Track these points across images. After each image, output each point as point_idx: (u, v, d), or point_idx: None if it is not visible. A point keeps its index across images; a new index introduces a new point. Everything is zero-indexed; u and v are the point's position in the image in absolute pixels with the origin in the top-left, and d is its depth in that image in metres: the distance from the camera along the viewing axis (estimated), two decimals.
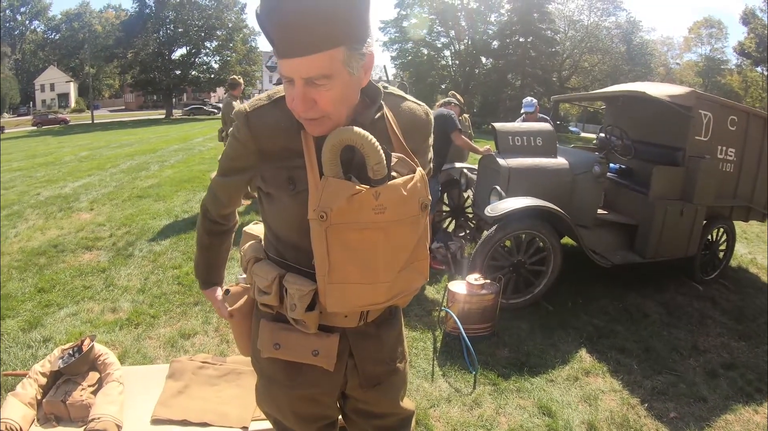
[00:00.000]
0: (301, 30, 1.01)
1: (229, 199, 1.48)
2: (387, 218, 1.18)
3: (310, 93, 1.10)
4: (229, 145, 1.34)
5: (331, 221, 1.15)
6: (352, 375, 1.44)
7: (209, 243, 1.61)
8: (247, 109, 1.26)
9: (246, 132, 1.24)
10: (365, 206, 1.16)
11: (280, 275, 1.29)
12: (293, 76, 1.08)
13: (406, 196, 1.20)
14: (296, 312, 1.25)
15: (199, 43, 54.24)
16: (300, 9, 0.99)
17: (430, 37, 49.59)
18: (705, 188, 5.00)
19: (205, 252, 1.64)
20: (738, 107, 5.61)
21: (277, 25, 1.02)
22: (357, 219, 1.16)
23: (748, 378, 3.77)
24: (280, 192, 1.26)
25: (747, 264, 6.78)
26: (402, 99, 1.38)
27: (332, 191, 1.14)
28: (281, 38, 1.04)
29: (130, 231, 6.50)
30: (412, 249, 1.28)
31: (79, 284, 4.75)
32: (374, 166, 1.16)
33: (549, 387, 3.44)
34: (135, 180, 10.50)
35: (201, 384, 2.93)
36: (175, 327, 3.97)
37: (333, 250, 1.18)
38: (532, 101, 7.07)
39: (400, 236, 1.23)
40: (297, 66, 1.06)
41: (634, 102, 5.81)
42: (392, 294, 1.28)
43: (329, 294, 1.22)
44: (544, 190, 4.76)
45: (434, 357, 3.70)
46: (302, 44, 1.03)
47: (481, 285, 3.94)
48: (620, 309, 4.79)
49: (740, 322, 4.77)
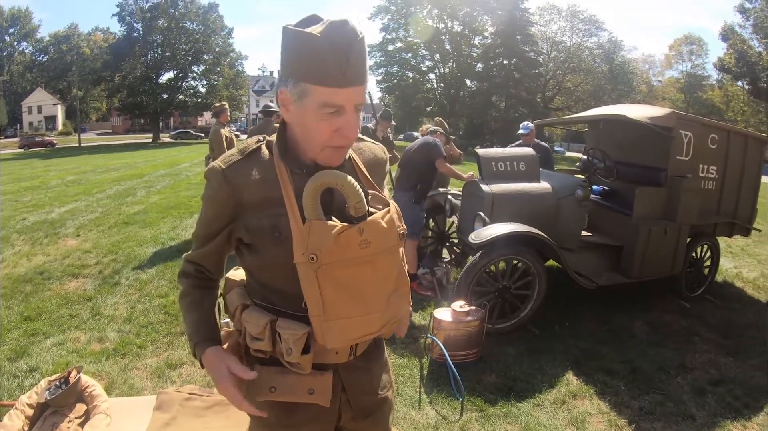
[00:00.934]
0: (364, 62, 1.15)
1: (216, 265, 1.47)
2: (372, 251, 1.23)
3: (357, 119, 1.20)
4: (204, 212, 1.36)
5: (322, 262, 1.18)
6: (345, 409, 1.46)
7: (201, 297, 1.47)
8: (221, 166, 1.28)
9: (225, 188, 1.27)
10: (352, 243, 1.20)
11: (271, 321, 1.31)
12: (348, 103, 1.17)
13: (386, 228, 1.26)
14: (293, 356, 1.27)
15: (187, 67, 54.45)
16: (364, 46, 1.13)
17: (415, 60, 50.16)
18: (688, 207, 5.07)
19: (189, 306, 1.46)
20: (718, 125, 5.72)
21: (353, 58, 1.12)
22: (345, 256, 1.20)
23: (736, 394, 3.79)
24: (265, 240, 1.28)
25: (733, 278, 6.86)
26: (360, 139, 1.46)
27: (319, 233, 1.18)
28: (353, 68, 1.13)
29: (117, 258, 6.47)
30: (395, 277, 1.32)
31: (66, 313, 4.71)
32: (355, 204, 1.21)
33: (536, 411, 3.44)
34: (121, 206, 10.46)
35: (188, 415, 2.91)
36: (162, 357, 3.94)
37: (325, 290, 1.21)
38: (528, 125, 7.17)
39: (384, 266, 1.28)
40: (354, 94, 1.16)
41: (615, 124, 5.90)
42: (384, 322, 1.31)
43: (327, 333, 1.24)
44: (527, 214, 4.79)
45: (421, 385, 3.68)
46: (362, 74, 1.15)
47: (466, 312, 3.94)
48: (606, 330, 4.81)
49: (727, 337, 4.81)
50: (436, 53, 49.12)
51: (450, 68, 50.07)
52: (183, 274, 1.47)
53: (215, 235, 1.36)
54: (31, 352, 3.94)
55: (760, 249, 8.87)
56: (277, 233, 1.26)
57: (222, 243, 1.38)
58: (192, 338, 1.42)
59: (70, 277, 5.73)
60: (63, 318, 4.60)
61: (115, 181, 15.05)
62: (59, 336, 4.25)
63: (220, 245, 1.39)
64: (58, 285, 5.48)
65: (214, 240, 1.37)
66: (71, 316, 4.65)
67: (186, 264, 1.46)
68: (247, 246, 1.34)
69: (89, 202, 10.95)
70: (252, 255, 1.33)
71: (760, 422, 3.47)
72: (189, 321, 1.44)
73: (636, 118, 4.96)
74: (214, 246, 1.39)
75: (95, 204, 10.65)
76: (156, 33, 51.75)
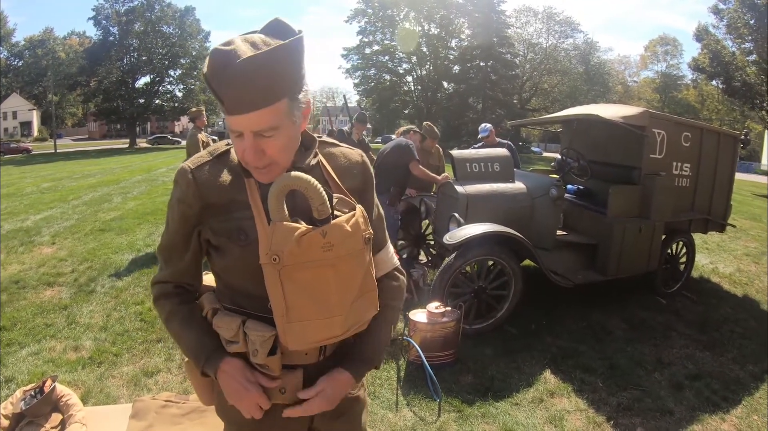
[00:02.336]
0: (249, 88, 1.09)
1: (195, 277, 1.46)
2: (335, 254, 1.23)
3: (259, 144, 1.17)
4: (170, 218, 1.35)
5: (284, 263, 1.19)
6: None
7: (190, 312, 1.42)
8: (190, 166, 1.29)
9: (193, 189, 1.27)
10: (314, 245, 1.20)
11: (242, 321, 1.31)
12: (243, 129, 1.15)
13: (351, 231, 1.26)
14: (258, 357, 1.28)
15: (163, 72, 54.02)
16: (245, 69, 1.07)
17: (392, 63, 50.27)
18: (662, 204, 5.15)
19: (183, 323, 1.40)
20: (691, 123, 5.81)
21: (225, 85, 1.10)
22: (308, 258, 1.21)
23: (714, 388, 3.84)
24: (231, 243, 1.29)
25: (709, 274, 6.97)
26: (335, 145, 1.46)
27: (282, 234, 1.19)
28: (230, 97, 1.11)
29: (92, 266, 6.39)
30: (360, 282, 1.32)
31: (41, 322, 4.65)
32: (318, 207, 1.22)
33: (514, 410, 3.46)
34: (97, 212, 10.34)
35: (164, 423, 2.88)
36: (138, 365, 3.90)
37: (288, 291, 1.22)
38: (486, 126, 7.24)
39: (348, 270, 1.28)
40: (246, 121, 1.13)
41: (589, 124, 5.95)
42: (347, 327, 1.31)
43: (289, 334, 1.24)
44: (502, 215, 4.82)
45: (398, 387, 3.68)
46: (250, 101, 1.11)
47: (441, 313, 3.95)
48: (584, 328, 4.85)
49: (704, 332, 4.88)
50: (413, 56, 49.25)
51: (427, 71, 50.30)
52: (162, 296, 1.42)
53: (186, 243, 1.35)
54: (6, 363, 3.88)
55: (735, 244, 9.04)
56: (243, 235, 1.26)
57: (196, 251, 1.37)
58: (199, 354, 1.35)
59: (45, 286, 5.65)
60: (38, 328, 4.53)
61: (91, 187, 14.88)
62: (35, 345, 4.18)
63: (195, 253, 1.38)
64: (34, 293, 5.40)
65: (187, 252, 1.37)
66: (47, 325, 4.59)
67: (161, 286, 1.43)
68: (214, 248, 1.34)
69: (65, 209, 10.81)
70: (219, 258, 1.33)
71: (738, 415, 3.53)
72: (189, 339, 1.37)
73: (609, 117, 5.01)
74: (190, 258, 1.38)
75: (71, 211, 10.52)
76: (132, 37, 51.23)
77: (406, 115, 49.25)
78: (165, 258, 1.41)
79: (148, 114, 55.80)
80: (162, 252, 1.41)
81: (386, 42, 49.11)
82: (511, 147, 6.82)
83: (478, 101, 47.86)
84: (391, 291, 1.49)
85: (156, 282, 1.44)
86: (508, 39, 47.09)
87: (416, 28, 47.95)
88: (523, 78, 52.68)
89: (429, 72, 50.12)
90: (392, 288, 1.51)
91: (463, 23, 48.96)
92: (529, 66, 53.73)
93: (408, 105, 51.13)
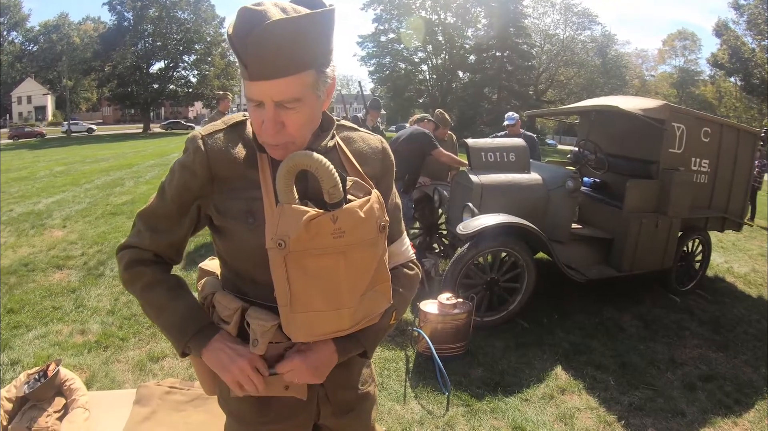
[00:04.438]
0: (276, 52, 1.01)
1: (179, 252, 1.34)
2: (346, 241, 1.15)
3: (280, 116, 1.10)
4: (168, 183, 1.25)
5: (290, 248, 1.11)
6: (324, 403, 1.39)
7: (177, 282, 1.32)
8: (202, 133, 1.20)
9: (201, 157, 1.18)
10: (323, 231, 1.12)
11: (243, 308, 1.24)
12: (264, 99, 1.07)
13: (364, 218, 1.17)
14: (258, 348, 1.20)
15: (178, 57, 54.09)
16: (274, 32, 1.00)
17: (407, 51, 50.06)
18: (679, 200, 5.04)
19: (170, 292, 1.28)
20: (711, 119, 5.70)
21: (251, 47, 1.02)
22: (316, 244, 1.12)
23: (727, 390, 3.77)
24: (238, 225, 1.21)
25: (723, 273, 6.86)
26: (354, 129, 1.38)
27: (289, 218, 1.11)
28: (255, 60, 1.03)
29: (102, 249, 6.39)
30: (373, 272, 1.24)
31: (49, 305, 4.65)
32: (330, 190, 1.13)
33: (524, 406, 3.40)
34: (109, 196, 10.38)
35: (168, 409, 2.86)
36: (144, 350, 3.88)
37: (293, 279, 1.13)
38: (513, 115, 7.11)
39: (360, 259, 1.19)
40: (269, 89, 1.06)
41: (607, 116, 5.86)
42: (356, 320, 1.23)
43: (293, 325, 1.17)
44: (517, 206, 4.75)
45: (406, 379, 3.64)
46: (276, 67, 1.03)
47: (453, 305, 3.90)
48: (596, 324, 4.78)
49: (718, 333, 4.79)
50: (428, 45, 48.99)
51: (442, 60, 50.00)
52: (138, 262, 1.27)
53: (180, 214, 1.25)
54: (12, 345, 3.88)
55: (750, 244, 8.90)
56: (251, 218, 1.18)
57: (190, 226, 1.27)
58: (186, 326, 1.24)
59: (54, 269, 5.66)
60: (46, 311, 4.53)
61: (103, 171, 14.94)
62: (42, 328, 4.19)
63: (188, 228, 1.28)
64: (43, 276, 5.40)
65: (180, 225, 1.26)
66: (54, 308, 4.59)
67: (135, 251, 1.28)
68: (219, 229, 1.26)
69: (77, 192, 10.86)
70: (224, 240, 1.26)
71: (751, 419, 3.45)
72: (175, 309, 1.25)
73: (628, 109, 4.91)
74: (181, 232, 1.28)
75: (83, 194, 10.56)
76: (147, 22, 51.33)
77: (420, 104, 48.99)
78: (149, 226, 1.27)
79: (162, 99, 56.03)
80: (146, 218, 1.28)
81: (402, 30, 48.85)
82: (533, 139, 6.74)
83: (493, 92, 47.59)
84: (402, 278, 1.40)
85: (128, 247, 1.29)
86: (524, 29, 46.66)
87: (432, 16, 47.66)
88: (539, 69, 52.30)
89: (444, 61, 49.85)
90: (405, 275, 1.41)
91: (479, 12, 48.60)
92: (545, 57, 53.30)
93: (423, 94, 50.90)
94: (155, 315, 1.27)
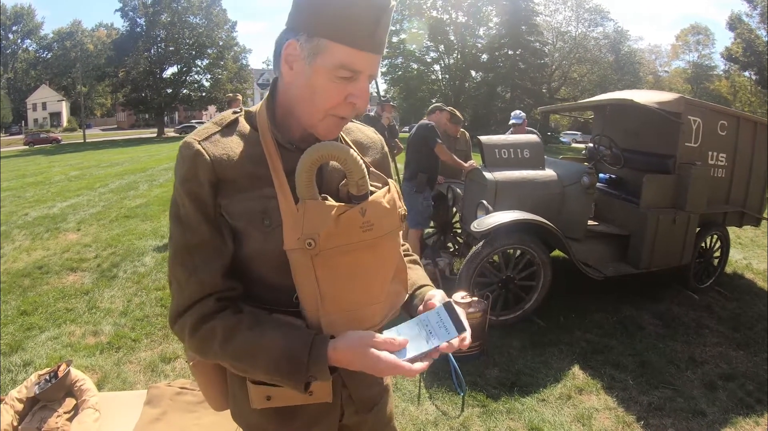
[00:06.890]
0: (388, 29, 1.07)
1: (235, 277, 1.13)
2: (374, 234, 1.09)
3: None
4: (180, 197, 1.10)
5: (321, 247, 1.03)
6: (347, 404, 1.32)
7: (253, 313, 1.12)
8: (197, 138, 1.09)
9: (203, 161, 1.06)
10: (353, 225, 1.06)
11: None
12: (368, 71, 1.07)
13: (389, 208, 1.13)
14: None
15: (190, 62, 54.43)
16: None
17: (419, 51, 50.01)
18: (697, 195, 4.95)
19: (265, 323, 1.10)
20: (728, 111, 5.59)
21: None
22: (346, 240, 1.06)
23: (748, 389, 3.68)
24: (252, 228, 1.09)
25: (742, 269, 6.73)
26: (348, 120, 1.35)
27: (316, 214, 1.03)
28: (381, 33, 1.04)
29: (116, 252, 6.43)
30: (396, 262, 1.20)
31: (62, 306, 4.69)
32: (358, 181, 1.07)
33: (540, 407, 3.35)
34: (123, 199, 10.45)
35: (179, 410, 2.84)
36: (156, 350, 3.88)
37: (323, 280, 1.06)
38: (519, 114, 7.03)
39: (386, 251, 1.15)
40: (374, 62, 1.07)
41: (622, 110, 5.77)
42: (385, 313, 1.20)
43: (328, 328, 1.09)
44: (532, 202, 4.69)
45: (420, 379, 3.58)
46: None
47: (468, 303, 3.82)
48: (614, 322, 4.71)
49: (737, 330, 4.70)
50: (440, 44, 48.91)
51: (455, 59, 49.85)
52: (205, 318, 1.08)
53: (217, 233, 1.09)
54: (25, 346, 3.92)
55: None
56: (267, 220, 1.07)
57: (229, 237, 1.10)
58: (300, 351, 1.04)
59: (68, 271, 5.72)
60: (59, 312, 4.58)
61: (118, 175, 15.07)
62: (54, 330, 4.22)
63: (229, 244, 1.10)
64: (56, 279, 5.46)
65: (223, 244, 1.10)
66: (67, 310, 4.63)
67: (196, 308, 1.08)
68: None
69: (91, 196, 10.95)
70: (238, 245, 1.12)
71: None
72: (273, 338, 1.05)
73: (644, 102, 4.83)
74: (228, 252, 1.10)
75: (97, 198, 10.64)
76: (159, 28, 51.71)
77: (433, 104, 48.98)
78: (187, 269, 1.09)
79: (175, 103, 56.35)
80: (178, 265, 1.10)
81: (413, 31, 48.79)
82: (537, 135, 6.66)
83: (506, 90, 47.38)
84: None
85: (179, 314, 1.10)
86: (536, 27, 46.43)
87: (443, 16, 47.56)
88: (552, 67, 51.98)
89: (457, 60, 49.68)
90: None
91: (491, 11, 48.34)
92: (558, 54, 53.00)
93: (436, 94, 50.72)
94: (251, 365, 1.07)
